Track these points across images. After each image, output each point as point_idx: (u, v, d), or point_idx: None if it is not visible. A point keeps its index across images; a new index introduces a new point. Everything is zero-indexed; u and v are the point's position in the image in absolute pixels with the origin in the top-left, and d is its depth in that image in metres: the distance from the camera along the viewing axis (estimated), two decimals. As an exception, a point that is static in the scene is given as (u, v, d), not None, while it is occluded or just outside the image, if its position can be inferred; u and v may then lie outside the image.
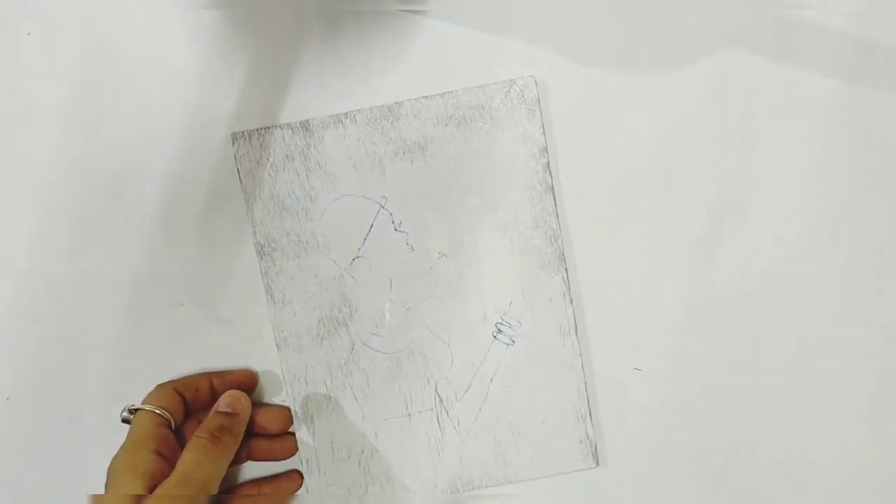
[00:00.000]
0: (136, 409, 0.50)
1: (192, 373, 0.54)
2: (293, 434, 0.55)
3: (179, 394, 0.52)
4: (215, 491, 0.47)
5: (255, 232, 0.53)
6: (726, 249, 0.54)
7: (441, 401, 0.54)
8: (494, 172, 0.53)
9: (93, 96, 0.54)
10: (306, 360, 0.54)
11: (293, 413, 0.54)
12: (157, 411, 0.50)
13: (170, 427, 0.50)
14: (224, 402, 0.51)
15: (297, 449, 0.54)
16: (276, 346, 0.54)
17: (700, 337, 0.55)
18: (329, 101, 0.53)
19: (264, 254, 0.53)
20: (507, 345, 0.54)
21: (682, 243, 0.54)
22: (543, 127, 0.53)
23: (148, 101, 0.54)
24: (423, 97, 0.53)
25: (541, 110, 0.53)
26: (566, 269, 0.53)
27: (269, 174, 0.53)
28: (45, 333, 0.55)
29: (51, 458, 0.55)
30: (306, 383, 0.54)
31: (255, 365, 0.55)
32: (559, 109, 0.54)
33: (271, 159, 0.53)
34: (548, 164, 0.53)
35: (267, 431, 0.54)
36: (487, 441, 0.54)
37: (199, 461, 0.47)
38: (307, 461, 0.54)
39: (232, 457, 0.49)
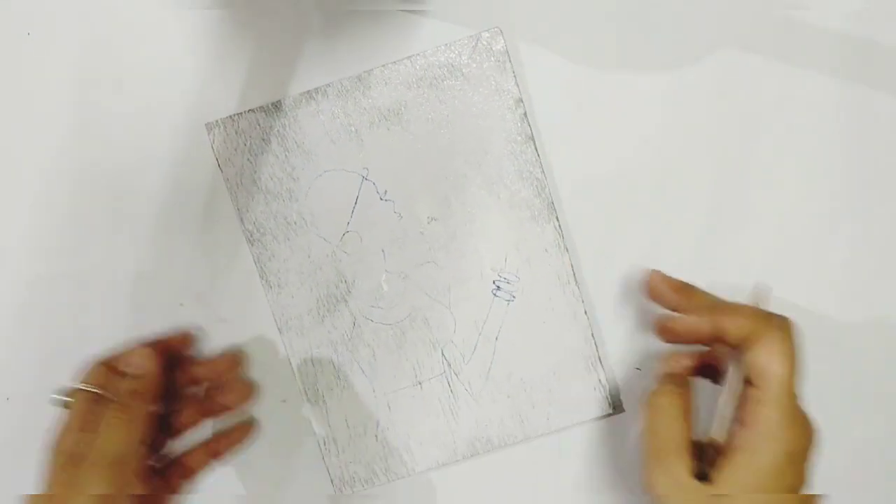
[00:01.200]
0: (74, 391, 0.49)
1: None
2: (246, 380, 0.54)
3: (112, 369, 0.50)
4: (134, 457, 0.46)
5: (242, 220, 0.53)
6: (726, 249, 0.54)
7: (449, 365, 0.54)
8: (473, 129, 0.53)
9: (92, 96, 0.54)
10: (310, 342, 0.54)
11: (304, 394, 0.54)
12: (90, 389, 0.48)
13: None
14: (130, 364, 0.50)
15: (253, 389, 0.54)
16: (278, 330, 0.54)
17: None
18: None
19: (254, 240, 0.53)
20: (508, 301, 0.54)
21: (682, 243, 0.54)
22: (516, 77, 0.52)
23: (147, 101, 0.53)
24: (392, 62, 0.52)
25: (510, 61, 0.52)
26: (557, 218, 0.53)
27: (249, 160, 0.53)
28: (45, 333, 0.55)
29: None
30: (313, 365, 0.54)
31: (257, 363, 0.55)
32: (559, 109, 0.54)
33: (248, 144, 0.53)
34: (524, 114, 0.52)
35: (218, 381, 0.53)
36: (501, 399, 0.54)
37: (106, 436, 0.46)
38: (324, 441, 0.54)
39: (145, 417, 0.48)
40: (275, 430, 0.56)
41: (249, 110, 0.52)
